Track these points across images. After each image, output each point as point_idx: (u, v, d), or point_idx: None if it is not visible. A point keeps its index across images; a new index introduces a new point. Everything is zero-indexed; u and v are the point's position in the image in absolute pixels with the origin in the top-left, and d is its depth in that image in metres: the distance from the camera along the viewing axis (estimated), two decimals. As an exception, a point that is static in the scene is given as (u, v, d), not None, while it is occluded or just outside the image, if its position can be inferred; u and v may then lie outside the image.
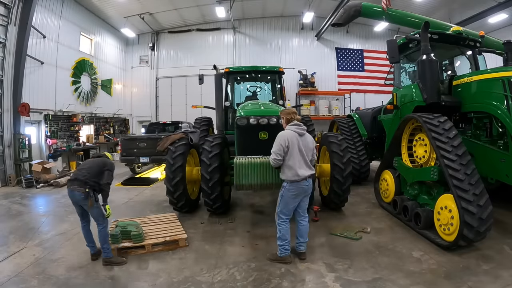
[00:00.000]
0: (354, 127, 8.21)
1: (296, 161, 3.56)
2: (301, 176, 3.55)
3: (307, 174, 3.62)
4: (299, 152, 3.59)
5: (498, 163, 4.33)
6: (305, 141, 3.67)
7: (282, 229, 3.69)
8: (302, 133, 3.67)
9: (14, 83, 8.92)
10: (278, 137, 3.64)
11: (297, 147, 3.58)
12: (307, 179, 3.63)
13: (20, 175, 8.86)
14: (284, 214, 3.70)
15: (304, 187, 3.63)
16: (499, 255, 3.74)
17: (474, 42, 5.81)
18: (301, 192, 3.64)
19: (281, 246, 3.68)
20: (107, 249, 3.72)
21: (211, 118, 7.90)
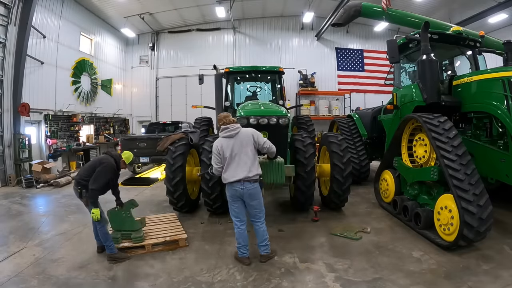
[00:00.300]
0: (354, 127, 8.21)
1: (232, 165, 3.53)
2: (232, 178, 3.51)
3: (240, 176, 3.49)
4: (231, 154, 3.53)
5: (498, 163, 4.33)
6: (238, 141, 3.57)
7: (235, 232, 3.72)
8: (231, 135, 3.58)
9: (14, 83, 8.92)
10: (212, 148, 3.72)
11: (228, 150, 3.53)
12: (242, 182, 3.50)
13: (20, 175, 8.86)
14: (232, 217, 3.72)
15: (238, 190, 3.52)
16: (499, 255, 3.74)
17: (474, 42, 5.81)
18: (235, 195, 3.56)
19: (238, 249, 3.74)
20: (110, 246, 3.77)
21: (211, 118, 7.90)
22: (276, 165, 4.57)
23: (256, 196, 3.60)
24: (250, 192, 3.53)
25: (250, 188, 3.53)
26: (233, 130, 3.59)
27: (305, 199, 5.28)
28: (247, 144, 3.58)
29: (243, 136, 3.60)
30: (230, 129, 3.60)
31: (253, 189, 3.54)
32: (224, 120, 3.68)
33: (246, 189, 3.51)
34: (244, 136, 3.60)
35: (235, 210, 3.66)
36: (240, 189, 3.51)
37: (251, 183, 3.52)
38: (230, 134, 3.57)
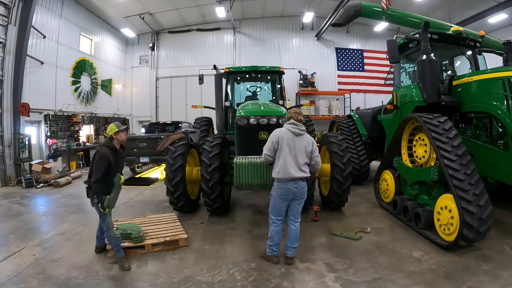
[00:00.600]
0: (354, 127, 8.21)
1: (288, 161, 3.47)
2: (288, 176, 3.46)
3: (297, 175, 3.48)
4: (290, 151, 3.49)
5: (498, 163, 4.33)
6: (300, 142, 3.55)
7: (272, 230, 3.69)
8: (298, 133, 3.57)
9: (14, 83, 8.92)
10: (271, 134, 3.64)
11: (288, 146, 3.49)
12: (297, 181, 3.50)
13: (20, 175, 8.85)
14: (274, 215, 3.66)
15: (292, 188, 3.50)
16: (499, 255, 3.74)
17: (474, 42, 5.81)
18: (288, 193, 3.52)
19: (269, 246, 3.70)
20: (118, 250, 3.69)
21: (211, 118, 7.90)
22: None
23: (305, 195, 3.66)
24: (301, 191, 3.57)
25: (303, 186, 3.58)
26: (300, 130, 3.59)
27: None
28: (310, 149, 3.60)
29: (307, 141, 3.62)
30: (298, 126, 3.59)
31: (303, 188, 3.59)
32: (293, 115, 3.67)
33: (301, 188, 3.55)
34: (307, 141, 3.63)
35: (282, 207, 3.61)
36: (294, 188, 3.50)
37: (303, 181, 3.58)
38: (297, 132, 3.56)
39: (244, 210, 5.98)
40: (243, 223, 5.19)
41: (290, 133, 3.55)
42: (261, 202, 6.48)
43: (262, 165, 4.55)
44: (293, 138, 3.54)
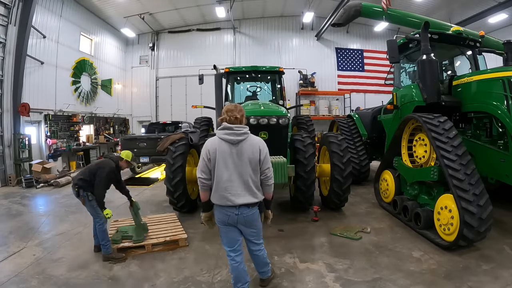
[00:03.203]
0: (354, 127, 8.21)
1: (222, 182, 2.58)
2: (224, 203, 2.59)
3: (236, 201, 2.56)
4: (227, 168, 2.57)
5: (498, 163, 4.33)
6: (240, 152, 2.56)
7: (230, 267, 2.80)
8: (235, 140, 2.56)
9: (14, 83, 8.93)
10: (202, 148, 2.69)
11: (224, 161, 2.56)
12: (238, 207, 2.58)
13: (20, 175, 8.86)
14: (226, 245, 2.80)
15: (232, 216, 2.61)
16: (499, 255, 3.74)
17: (474, 42, 5.81)
18: (230, 221, 2.66)
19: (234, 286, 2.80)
20: (106, 245, 3.79)
21: (211, 118, 7.90)
22: (279, 165, 4.57)
23: (256, 223, 2.77)
24: (249, 217, 2.67)
25: (250, 214, 2.66)
26: (238, 135, 2.58)
27: (305, 199, 5.28)
28: (252, 157, 2.60)
29: (251, 145, 2.61)
30: (234, 131, 2.59)
31: (252, 215, 2.68)
32: (228, 116, 2.64)
33: (248, 215, 2.64)
34: (252, 144, 2.62)
35: (230, 236, 2.77)
36: (235, 216, 2.62)
37: (249, 207, 2.64)
38: (233, 140, 2.57)
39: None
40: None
41: (223, 143, 2.58)
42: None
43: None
44: (230, 148, 2.57)
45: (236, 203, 2.58)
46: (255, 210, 2.70)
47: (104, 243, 3.79)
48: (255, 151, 2.61)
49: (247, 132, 2.64)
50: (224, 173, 2.58)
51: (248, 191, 2.61)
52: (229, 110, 2.65)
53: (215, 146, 2.60)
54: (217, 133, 2.64)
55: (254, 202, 2.64)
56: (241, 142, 2.59)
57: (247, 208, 2.63)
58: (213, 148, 2.60)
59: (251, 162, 2.59)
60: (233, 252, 2.77)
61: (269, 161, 2.70)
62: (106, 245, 3.80)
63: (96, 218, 3.83)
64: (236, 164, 2.58)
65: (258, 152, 2.62)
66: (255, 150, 2.61)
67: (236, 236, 2.77)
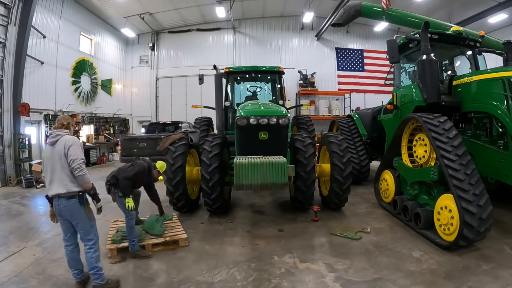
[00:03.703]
0: (354, 127, 8.21)
1: (48, 177, 3.08)
2: (49, 194, 3.09)
3: (52, 192, 3.04)
4: (48, 165, 3.08)
5: (498, 163, 4.33)
6: (55, 151, 3.05)
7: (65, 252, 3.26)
8: (52, 142, 3.08)
9: (14, 83, 8.93)
10: None
11: (46, 161, 3.09)
12: (58, 198, 3.01)
13: (20, 175, 8.86)
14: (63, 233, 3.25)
15: (56, 207, 3.06)
16: (499, 255, 3.73)
17: (474, 42, 5.81)
18: (56, 212, 3.11)
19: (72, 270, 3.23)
20: (133, 242, 3.89)
21: (211, 118, 7.91)
22: (279, 165, 4.57)
23: (74, 216, 3.07)
24: (67, 210, 3.04)
25: (66, 206, 3.02)
26: (54, 137, 3.09)
27: (305, 199, 5.28)
28: (61, 152, 3.03)
29: (61, 143, 3.05)
30: (53, 134, 3.11)
31: (68, 206, 3.02)
32: (56, 124, 3.24)
33: (65, 206, 3.02)
34: (62, 142, 3.06)
35: (64, 227, 3.20)
36: (57, 206, 3.06)
37: (66, 198, 3.01)
38: (52, 141, 3.09)
39: (244, 210, 5.98)
40: (243, 223, 5.19)
41: (48, 147, 3.13)
42: (261, 202, 6.48)
43: (262, 165, 4.55)
44: (50, 150, 3.09)
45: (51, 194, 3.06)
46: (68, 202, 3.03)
47: (131, 240, 3.88)
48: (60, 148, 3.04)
49: (60, 133, 3.11)
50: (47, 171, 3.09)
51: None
52: (58, 120, 3.25)
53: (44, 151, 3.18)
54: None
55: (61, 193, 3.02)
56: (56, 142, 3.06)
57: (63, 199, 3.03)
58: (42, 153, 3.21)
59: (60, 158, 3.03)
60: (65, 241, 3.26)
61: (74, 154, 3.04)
62: (133, 242, 3.88)
63: (125, 213, 3.91)
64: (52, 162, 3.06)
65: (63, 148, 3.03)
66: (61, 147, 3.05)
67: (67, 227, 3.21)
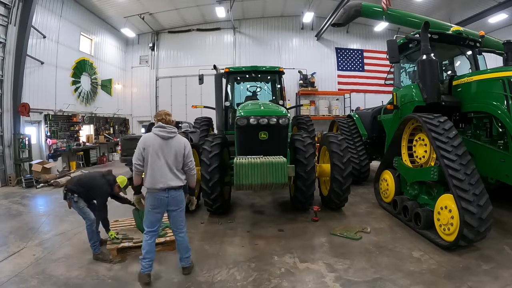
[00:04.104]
0: (354, 127, 8.21)
1: (155, 168, 3.17)
2: (157, 186, 3.16)
3: (166, 184, 3.16)
4: (158, 158, 3.17)
5: (498, 163, 4.33)
6: (170, 146, 3.21)
7: (143, 243, 3.32)
8: (166, 136, 3.22)
9: (14, 83, 8.93)
10: (139, 141, 3.30)
11: (155, 152, 3.17)
12: (168, 191, 3.19)
13: (20, 175, 8.86)
14: (147, 226, 3.31)
15: (162, 198, 3.19)
16: (499, 255, 3.73)
17: (474, 42, 5.81)
18: (159, 204, 3.22)
19: (141, 261, 3.28)
20: (94, 245, 3.90)
21: (211, 118, 7.90)
22: (279, 165, 4.57)
23: (181, 204, 3.34)
24: (175, 200, 3.26)
25: (176, 196, 3.26)
26: (169, 132, 3.24)
27: (305, 199, 5.28)
28: (182, 152, 3.28)
29: (177, 143, 3.27)
30: (167, 129, 3.25)
31: (178, 197, 3.27)
32: (164, 117, 3.33)
33: (174, 197, 3.23)
34: (178, 143, 3.28)
35: (154, 219, 3.30)
36: (165, 198, 3.20)
37: (176, 190, 3.26)
38: (165, 136, 3.22)
39: (244, 210, 5.98)
40: (243, 223, 5.19)
41: (158, 138, 3.22)
42: (261, 202, 6.48)
43: (262, 165, 4.55)
44: (161, 142, 3.21)
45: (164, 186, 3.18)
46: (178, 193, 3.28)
47: (92, 243, 3.88)
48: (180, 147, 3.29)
49: (175, 131, 3.31)
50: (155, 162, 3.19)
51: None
52: (164, 114, 3.36)
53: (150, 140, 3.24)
54: (153, 130, 3.29)
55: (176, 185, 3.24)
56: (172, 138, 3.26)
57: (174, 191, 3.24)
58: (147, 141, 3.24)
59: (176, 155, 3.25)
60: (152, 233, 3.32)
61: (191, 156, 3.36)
62: (94, 245, 3.89)
63: (85, 219, 3.89)
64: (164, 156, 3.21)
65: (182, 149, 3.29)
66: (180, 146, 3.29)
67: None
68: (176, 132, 3.32)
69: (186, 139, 3.41)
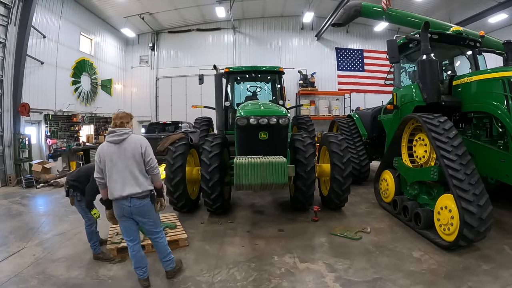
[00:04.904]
0: (354, 127, 8.21)
1: (112, 177, 2.97)
2: (116, 195, 2.95)
3: (126, 193, 2.93)
4: (114, 165, 2.97)
5: (498, 163, 4.33)
6: (123, 149, 2.98)
7: (129, 254, 3.17)
8: (117, 140, 2.99)
9: (14, 83, 8.93)
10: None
11: (111, 160, 2.98)
12: (129, 199, 2.95)
13: (20, 175, 8.86)
14: (124, 236, 3.18)
15: (125, 207, 2.96)
16: (499, 255, 3.73)
17: (474, 42, 5.81)
18: (123, 213, 3.01)
19: (135, 270, 3.20)
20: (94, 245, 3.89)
21: (211, 118, 7.91)
22: (279, 165, 4.57)
23: (148, 214, 3.09)
24: (138, 208, 3.00)
25: (141, 205, 3.00)
26: (120, 135, 3.01)
27: (305, 199, 5.28)
28: (135, 152, 3.01)
29: (131, 145, 3.02)
30: (118, 133, 3.02)
31: (142, 206, 3.01)
32: (115, 122, 3.11)
33: (136, 206, 2.98)
34: (132, 145, 3.02)
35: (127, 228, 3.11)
36: (127, 207, 2.97)
37: (139, 199, 2.98)
38: (116, 140, 2.99)
39: (244, 210, 5.98)
40: (243, 223, 5.19)
41: (110, 145, 3.01)
42: (261, 202, 6.48)
43: (262, 165, 4.55)
44: (114, 148, 2.99)
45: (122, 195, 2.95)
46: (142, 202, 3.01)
47: (92, 243, 3.88)
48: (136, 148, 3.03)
49: (127, 132, 3.08)
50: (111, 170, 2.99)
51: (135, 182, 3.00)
52: (116, 118, 3.14)
53: (103, 149, 3.05)
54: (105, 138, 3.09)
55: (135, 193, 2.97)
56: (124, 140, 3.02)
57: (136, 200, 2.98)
58: (101, 151, 3.06)
59: (134, 157, 3.01)
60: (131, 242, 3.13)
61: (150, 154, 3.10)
62: (94, 245, 3.88)
63: (85, 219, 3.88)
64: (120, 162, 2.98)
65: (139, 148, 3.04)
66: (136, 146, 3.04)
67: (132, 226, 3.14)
68: (129, 132, 3.09)
69: (142, 137, 3.17)
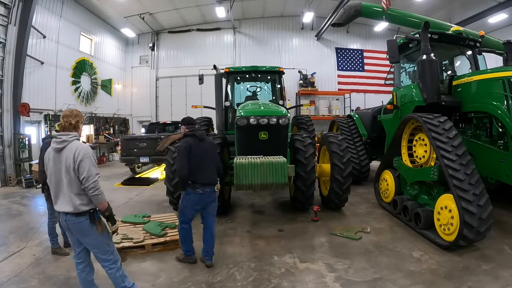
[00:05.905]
0: (354, 127, 8.22)
1: (52, 188, 2.52)
2: (56, 209, 2.55)
3: (57, 208, 2.50)
4: (51, 176, 2.50)
5: (498, 163, 4.33)
6: (60, 160, 2.43)
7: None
8: (58, 148, 2.45)
9: (14, 83, 8.93)
10: None
11: (51, 168, 2.50)
12: (64, 214, 2.46)
13: (20, 175, 8.86)
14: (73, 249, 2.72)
15: (62, 222, 2.52)
16: (499, 255, 3.74)
17: (474, 42, 5.81)
18: (63, 227, 2.65)
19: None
20: (53, 240, 4.02)
21: (211, 118, 7.90)
22: (279, 165, 4.57)
23: (85, 235, 2.52)
24: (77, 228, 2.49)
25: (75, 223, 2.46)
26: (63, 141, 2.46)
27: (305, 199, 5.28)
28: (67, 165, 2.41)
29: (68, 153, 2.42)
30: (60, 138, 2.47)
31: (77, 223, 2.46)
32: (61, 121, 2.55)
33: (75, 224, 2.47)
34: (69, 152, 2.42)
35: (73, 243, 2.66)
36: (64, 222, 2.50)
37: (74, 216, 2.44)
38: (58, 147, 2.45)
39: (244, 210, 5.98)
40: (243, 223, 5.19)
41: (52, 152, 2.50)
42: (261, 202, 6.48)
43: (262, 165, 4.55)
44: (55, 156, 2.47)
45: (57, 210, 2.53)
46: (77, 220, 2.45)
47: (51, 238, 4.01)
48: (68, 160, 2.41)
49: (70, 138, 2.47)
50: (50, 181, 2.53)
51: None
52: (64, 116, 2.56)
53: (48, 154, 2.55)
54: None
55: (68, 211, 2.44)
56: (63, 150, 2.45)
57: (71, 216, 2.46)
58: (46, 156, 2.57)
59: (67, 171, 2.42)
60: (75, 258, 2.67)
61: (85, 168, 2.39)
62: (53, 240, 4.01)
63: (50, 216, 3.99)
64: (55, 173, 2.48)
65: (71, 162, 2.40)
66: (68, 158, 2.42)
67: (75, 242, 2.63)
68: (71, 139, 2.46)
69: (83, 147, 2.48)
